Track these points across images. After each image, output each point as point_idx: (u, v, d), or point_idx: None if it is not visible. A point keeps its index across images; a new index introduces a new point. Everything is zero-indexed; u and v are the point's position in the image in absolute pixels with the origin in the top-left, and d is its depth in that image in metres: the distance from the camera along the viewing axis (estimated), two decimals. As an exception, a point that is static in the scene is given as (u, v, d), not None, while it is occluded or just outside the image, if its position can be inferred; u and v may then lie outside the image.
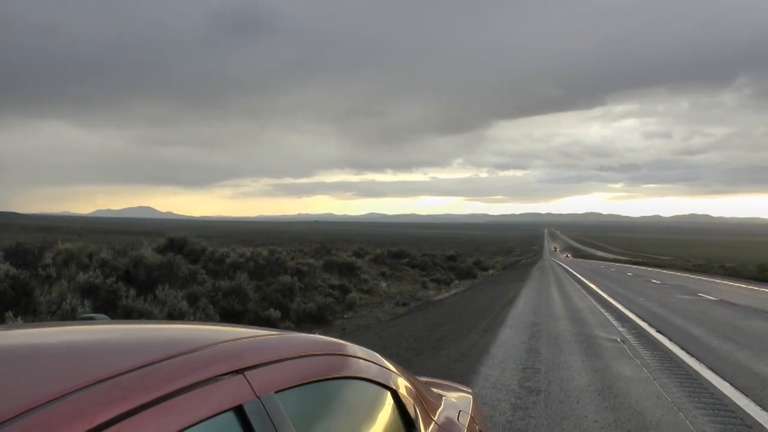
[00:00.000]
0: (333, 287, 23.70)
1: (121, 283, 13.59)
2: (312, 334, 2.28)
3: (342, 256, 32.97)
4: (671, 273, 42.04)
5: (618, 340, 10.49)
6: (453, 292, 29.31)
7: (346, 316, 20.15)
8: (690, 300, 19.00)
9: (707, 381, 7.28)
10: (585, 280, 30.25)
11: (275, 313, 16.85)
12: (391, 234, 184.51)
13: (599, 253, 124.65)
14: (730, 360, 8.68)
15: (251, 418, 1.45)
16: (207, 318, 14.33)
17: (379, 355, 2.19)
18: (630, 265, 59.47)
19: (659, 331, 11.43)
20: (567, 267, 49.91)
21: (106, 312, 10.81)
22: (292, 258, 26.17)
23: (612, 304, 17.22)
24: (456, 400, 2.70)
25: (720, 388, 6.93)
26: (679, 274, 41.02)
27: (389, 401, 2.08)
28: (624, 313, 14.63)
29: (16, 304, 10.96)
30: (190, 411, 1.34)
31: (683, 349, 9.45)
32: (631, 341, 10.30)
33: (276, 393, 1.56)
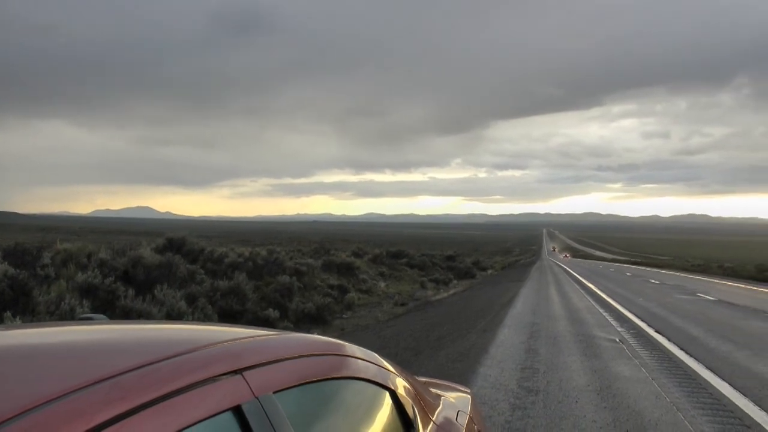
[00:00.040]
0: (332, 287, 23.70)
1: (120, 283, 13.59)
2: (310, 334, 2.28)
3: (341, 256, 32.97)
4: (670, 273, 42.06)
5: (617, 340, 10.50)
6: (452, 292, 29.32)
7: (344, 316, 20.16)
8: (689, 300, 19.01)
9: (706, 381, 7.28)
10: (583, 280, 30.25)
11: (274, 313, 16.84)
12: (390, 234, 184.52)
13: (598, 253, 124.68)
14: (728, 360, 8.69)
15: (249, 418, 1.45)
16: (205, 318, 14.33)
17: (378, 355, 2.19)
18: (628, 265, 59.49)
19: (658, 331, 11.44)
20: (566, 267, 49.93)
21: (104, 312, 10.80)
22: (290, 258, 26.17)
23: (611, 304, 17.22)
24: (454, 400, 2.70)
25: (719, 388, 6.93)
26: (678, 274, 41.05)
27: (388, 401, 2.08)
28: (623, 313, 14.63)
29: (14, 304, 10.96)
30: (188, 411, 1.34)
31: (682, 349, 9.45)
32: (630, 341, 10.31)
33: (274, 393, 1.56)
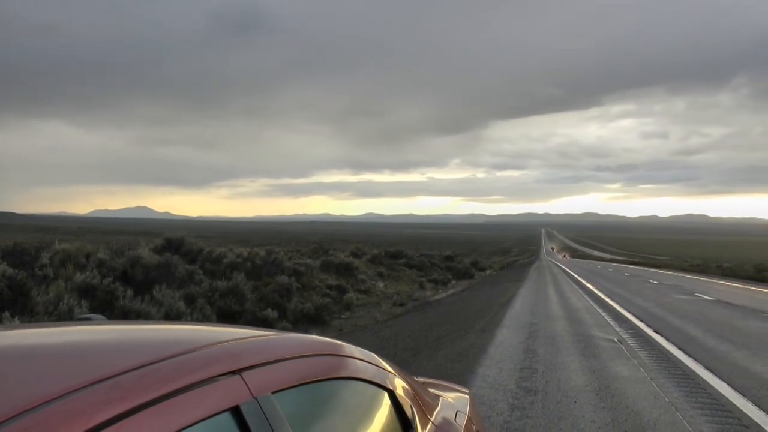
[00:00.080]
0: (330, 287, 23.70)
1: (118, 284, 13.58)
2: (309, 334, 2.28)
3: (339, 256, 32.99)
4: (668, 273, 42.09)
5: (615, 340, 10.50)
6: (450, 292, 29.32)
7: (343, 316, 20.16)
8: (687, 300, 19.03)
9: (705, 381, 7.29)
10: (582, 280, 30.26)
11: (272, 314, 16.83)
12: (389, 234, 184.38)
13: (596, 253, 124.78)
14: (727, 360, 8.69)
15: (248, 418, 1.45)
16: (204, 318, 14.32)
17: (376, 356, 2.19)
18: (627, 265, 59.53)
19: (656, 331, 11.45)
20: (564, 267, 49.95)
21: (103, 312, 10.79)
22: (289, 258, 26.17)
23: (609, 304, 17.23)
24: (453, 400, 2.70)
25: (717, 388, 6.94)
26: (677, 274, 41.08)
27: (386, 402, 2.08)
28: (621, 313, 14.64)
29: (13, 304, 10.95)
30: (187, 411, 1.34)
31: (681, 349, 9.46)
32: (629, 341, 10.31)
33: (273, 393, 1.57)
